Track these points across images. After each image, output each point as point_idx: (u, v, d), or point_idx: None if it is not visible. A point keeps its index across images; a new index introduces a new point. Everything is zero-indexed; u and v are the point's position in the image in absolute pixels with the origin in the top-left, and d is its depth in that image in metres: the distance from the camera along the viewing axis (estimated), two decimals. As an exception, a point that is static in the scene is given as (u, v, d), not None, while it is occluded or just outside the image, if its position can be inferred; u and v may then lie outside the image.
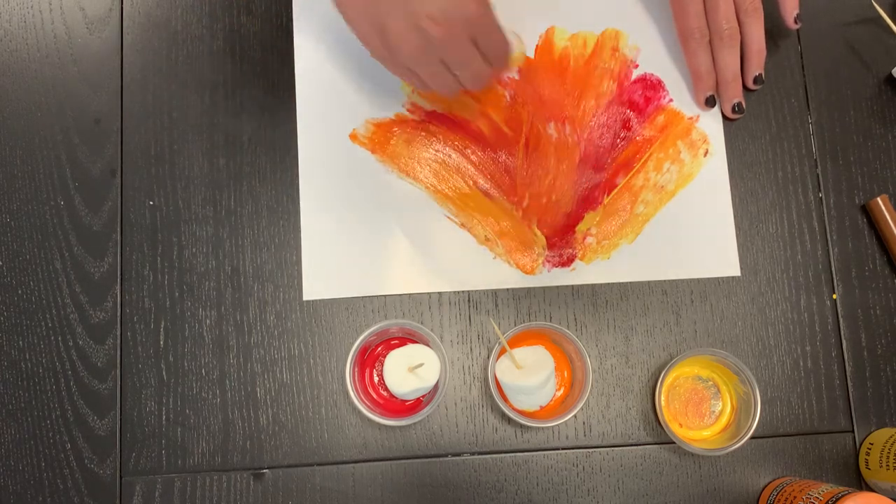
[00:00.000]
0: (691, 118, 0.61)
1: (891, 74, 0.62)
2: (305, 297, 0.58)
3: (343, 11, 0.50)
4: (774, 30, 0.62)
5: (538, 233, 0.59)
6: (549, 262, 0.59)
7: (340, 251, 0.59)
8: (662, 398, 0.56)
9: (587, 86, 0.62)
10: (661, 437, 0.57)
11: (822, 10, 0.63)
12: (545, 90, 0.61)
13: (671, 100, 0.62)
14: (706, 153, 0.61)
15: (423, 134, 0.61)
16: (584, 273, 0.59)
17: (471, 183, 0.60)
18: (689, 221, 0.60)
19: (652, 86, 0.62)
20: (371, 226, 0.59)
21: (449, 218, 0.60)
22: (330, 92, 0.61)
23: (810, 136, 0.62)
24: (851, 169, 0.61)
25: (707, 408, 0.57)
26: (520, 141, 0.61)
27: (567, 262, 0.59)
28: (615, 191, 0.60)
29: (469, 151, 0.61)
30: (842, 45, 0.63)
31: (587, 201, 0.60)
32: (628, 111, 0.61)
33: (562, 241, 0.60)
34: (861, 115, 0.62)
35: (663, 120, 0.61)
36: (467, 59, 0.49)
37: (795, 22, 0.59)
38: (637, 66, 0.62)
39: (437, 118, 0.61)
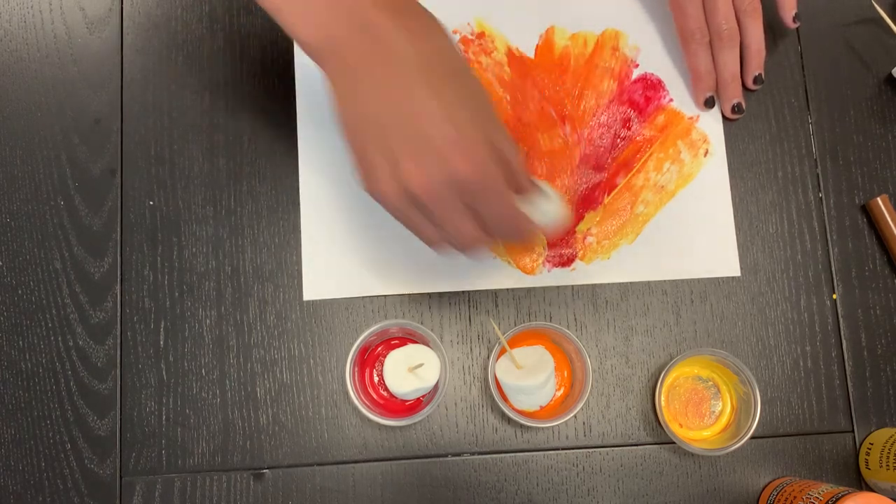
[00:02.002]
0: (691, 118, 0.61)
1: (891, 74, 0.62)
2: (305, 297, 0.58)
3: (344, 139, 0.44)
4: (774, 30, 0.62)
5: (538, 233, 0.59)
6: (549, 262, 0.59)
7: (340, 251, 0.59)
8: (662, 398, 0.56)
9: (587, 85, 0.62)
10: (661, 437, 0.57)
11: (821, 10, 0.63)
12: (545, 90, 0.61)
13: (671, 100, 0.62)
14: (706, 153, 0.61)
15: (423, 134, 0.60)
16: (584, 273, 0.59)
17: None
18: (689, 221, 0.60)
19: (652, 85, 0.62)
20: (371, 226, 0.59)
21: (449, 218, 0.60)
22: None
23: (810, 136, 0.62)
24: (851, 169, 0.61)
25: (707, 408, 0.57)
26: (519, 141, 0.61)
27: (567, 262, 0.59)
28: (615, 191, 0.60)
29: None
30: (842, 45, 0.63)
31: (587, 201, 0.60)
32: (629, 111, 0.61)
33: (562, 241, 0.60)
34: (861, 115, 0.62)
35: (663, 120, 0.61)
36: (456, 223, 0.41)
37: (794, 21, 0.59)
38: (637, 66, 0.62)
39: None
